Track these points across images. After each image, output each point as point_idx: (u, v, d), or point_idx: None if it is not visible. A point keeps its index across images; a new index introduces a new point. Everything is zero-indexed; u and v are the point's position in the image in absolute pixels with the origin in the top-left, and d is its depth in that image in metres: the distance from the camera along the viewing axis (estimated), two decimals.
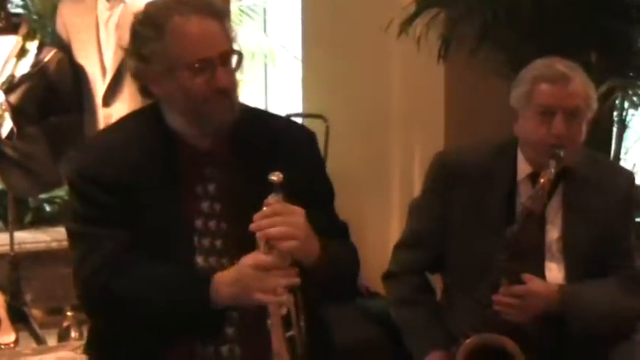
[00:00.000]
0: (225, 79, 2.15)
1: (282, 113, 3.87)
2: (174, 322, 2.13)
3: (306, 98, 5.20)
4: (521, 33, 3.41)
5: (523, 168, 2.64)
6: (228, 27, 2.21)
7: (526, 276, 2.50)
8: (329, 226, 2.26)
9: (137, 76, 2.24)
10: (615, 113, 3.55)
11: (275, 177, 2.06)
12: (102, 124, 3.89)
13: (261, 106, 4.69)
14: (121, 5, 3.85)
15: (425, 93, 4.13)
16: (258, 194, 2.10)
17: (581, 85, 2.55)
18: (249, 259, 2.08)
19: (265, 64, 7.02)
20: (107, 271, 2.14)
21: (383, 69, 4.35)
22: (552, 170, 2.47)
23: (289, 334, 2.08)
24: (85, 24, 3.90)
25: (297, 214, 2.09)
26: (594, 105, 2.61)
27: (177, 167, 2.22)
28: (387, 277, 2.84)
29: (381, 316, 3.55)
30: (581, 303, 2.55)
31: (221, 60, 2.15)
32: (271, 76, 7.20)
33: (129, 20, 3.78)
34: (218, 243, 2.23)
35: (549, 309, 2.52)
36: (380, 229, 4.28)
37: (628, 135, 3.72)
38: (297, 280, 2.08)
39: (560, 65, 2.58)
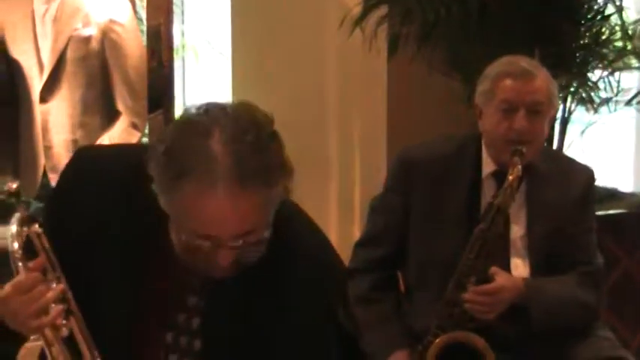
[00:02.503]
0: (230, 258, 1.68)
1: None
2: None
3: (235, 95, 5.14)
4: (464, 31, 3.43)
5: (487, 165, 2.65)
6: (272, 195, 1.65)
7: (493, 269, 2.52)
8: None
9: None
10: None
11: (14, 185, 1.83)
12: (39, 120, 3.77)
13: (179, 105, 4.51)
14: None
15: (366, 90, 4.11)
16: (241, 317, 1.79)
17: (543, 82, 2.58)
18: (7, 288, 1.73)
19: (183, 59, 6.90)
20: None
21: (318, 65, 4.33)
22: (520, 167, 2.48)
23: None
24: (21, 17, 3.78)
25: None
26: (556, 102, 2.65)
27: (163, 261, 1.79)
28: (347, 274, 2.82)
29: None
30: (544, 296, 2.58)
31: (234, 240, 1.66)
32: (189, 71, 7.08)
33: (68, 14, 3.78)
34: None
35: (514, 302, 2.54)
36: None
37: (569, 130, 3.77)
38: (61, 286, 1.75)
39: (524, 62, 2.61)
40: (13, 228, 1.79)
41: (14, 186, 1.85)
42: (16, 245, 1.77)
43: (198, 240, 1.66)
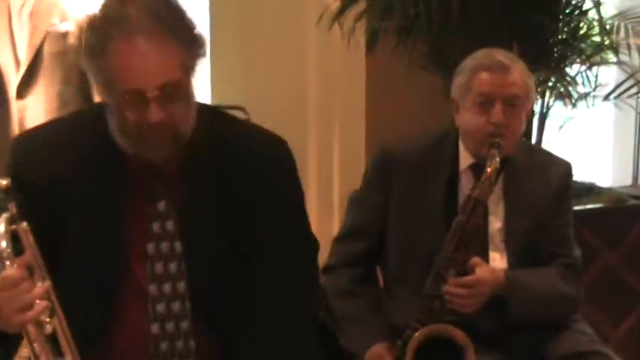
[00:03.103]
0: (159, 114, 1.87)
1: None
2: None
3: (214, 91, 5.11)
4: (444, 25, 3.44)
5: (464, 158, 2.66)
6: (187, 50, 1.91)
7: (474, 260, 2.52)
8: (274, 284, 2.06)
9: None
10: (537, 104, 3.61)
11: (4, 181, 1.84)
12: (15, 117, 3.74)
13: None
14: None
15: (345, 85, 4.11)
16: (215, 212, 1.99)
17: (520, 75, 2.59)
18: None
19: None
20: None
21: (298, 60, 4.32)
22: (498, 159, 2.49)
23: None
24: None
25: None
26: (533, 96, 2.65)
27: (124, 182, 2.01)
28: (326, 270, 2.81)
29: None
30: (524, 288, 2.58)
31: (161, 93, 1.87)
32: None
33: (44, 8, 3.74)
34: (172, 267, 2.03)
35: (494, 293, 2.55)
36: None
37: (548, 125, 3.78)
38: (47, 284, 1.85)
39: (500, 55, 2.61)
40: (1, 227, 1.83)
41: (4, 183, 1.85)
42: (3, 244, 1.83)
43: (127, 97, 1.86)
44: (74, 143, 2.02)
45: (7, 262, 1.83)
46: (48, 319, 1.84)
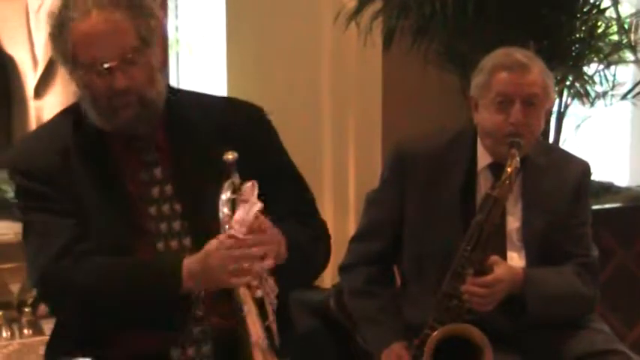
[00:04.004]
0: (123, 81, 2.07)
1: None
2: (141, 310, 2.07)
3: (230, 89, 5.13)
4: (460, 24, 3.43)
5: (482, 158, 2.65)
6: (137, 17, 2.09)
7: (493, 259, 2.51)
8: (293, 205, 2.24)
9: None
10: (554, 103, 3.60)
11: (230, 155, 2.01)
12: (33, 116, 3.76)
13: None
14: None
15: (361, 84, 4.11)
16: (207, 171, 2.11)
17: (539, 74, 2.58)
18: (215, 243, 2.03)
19: (177, 54, 6.88)
20: (67, 258, 2.08)
21: (314, 59, 4.32)
22: (518, 159, 2.48)
23: (266, 323, 2.01)
24: (14, 12, 3.77)
25: (270, 232, 2.05)
26: (552, 95, 2.64)
27: (110, 159, 2.18)
28: (343, 269, 2.82)
29: (319, 308, 3.54)
30: (541, 287, 2.57)
31: (121, 59, 2.06)
32: (183, 66, 7.06)
33: None
34: (176, 225, 2.19)
35: (512, 292, 2.54)
36: None
37: (565, 124, 3.76)
38: (271, 262, 2.03)
39: (519, 54, 2.60)
40: (227, 194, 2.03)
41: (230, 157, 2.02)
42: (225, 210, 2.03)
43: (93, 70, 2.04)
44: (65, 130, 2.19)
45: (226, 227, 2.01)
46: (256, 284, 1.99)
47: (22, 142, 2.41)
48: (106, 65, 2.04)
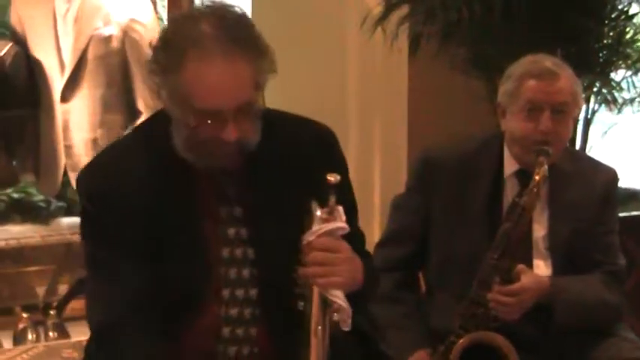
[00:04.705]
0: (235, 133, 1.89)
1: None
2: None
3: None
4: (487, 30, 3.42)
5: (509, 165, 2.64)
6: (260, 68, 1.91)
7: (519, 267, 2.51)
8: (354, 237, 2.05)
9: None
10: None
11: (332, 178, 1.88)
12: (60, 120, 3.78)
13: None
14: None
15: (387, 90, 4.11)
16: (288, 213, 1.98)
17: (568, 81, 2.57)
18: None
19: None
20: (112, 330, 1.97)
21: (340, 65, 4.32)
22: (546, 167, 2.47)
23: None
24: (42, 16, 3.79)
25: (344, 251, 1.94)
26: (581, 102, 2.64)
27: (194, 187, 2.00)
28: None
29: None
30: (569, 295, 2.56)
31: (236, 112, 1.88)
32: None
33: (88, 13, 3.78)
34: (246, 273, 2.03)
35: (539, 300, 2.53)
36: None
37: (592, 131, 3.75)
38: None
39: (548, 62, 2.59)
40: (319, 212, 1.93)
41: (333, 179, 1.94)
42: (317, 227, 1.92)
43: (203, 119, 1.86)
44: (137, 156, 2.02)
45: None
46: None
47: (98, 168, 2.08)
48: (220, 115, 1.87)
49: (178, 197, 1.99)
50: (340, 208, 1.92)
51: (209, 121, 1.87)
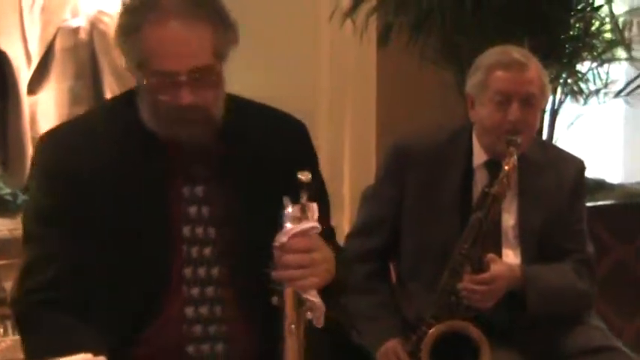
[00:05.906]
0: (189, 97, 1.89)
1: None
2: None
3: (226, 85, 5.10)
4: (457, 21, 3.43)
5: (479, 155, 2.66)
6: (220, 35, 1.92)
7: (489, 256, 2.53)
8: (326, 231, 2.03)
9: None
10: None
11: (304, 177, 1.85)
12: (27, 112, 3.74)
13: None
14: None
15: (356, 81, 4.10)
16: (253, 198, 2.00)
17: (536, 72, 2.59)
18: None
19: None
20: (42, 297, 1.94)
21: (310, 56, 4.30)
22: (515, 157, 2.49)
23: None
24: (8, 7, 3.74)
25: (319, 249, 1.92)
26: (548, 93, 2.67)
27: (161, 165, 2.00)
28: None
29: None
30: (541, 281, 2.59)
31: (192, 76, 1.89)
32: None
33: (56, 4, 3.74)
34: (207, 251, 2.03)
35: (510, 289, 2.55)
36: None
37: (558, 121, 3.78)
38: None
39: (516, 53, 2.61)
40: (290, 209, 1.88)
41: (304, 178, 1.89)
42: (289, 225, 1.88)
43: (159, 79, 1.89)
44: (105, 131, 2.02)
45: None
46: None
47: (61, 138, 2.06)
48: (175, 78, 1.89)
49: (144, 173, 1.99)
50: (314, 206, 1.89)
51: (165, 84, 1.89)
